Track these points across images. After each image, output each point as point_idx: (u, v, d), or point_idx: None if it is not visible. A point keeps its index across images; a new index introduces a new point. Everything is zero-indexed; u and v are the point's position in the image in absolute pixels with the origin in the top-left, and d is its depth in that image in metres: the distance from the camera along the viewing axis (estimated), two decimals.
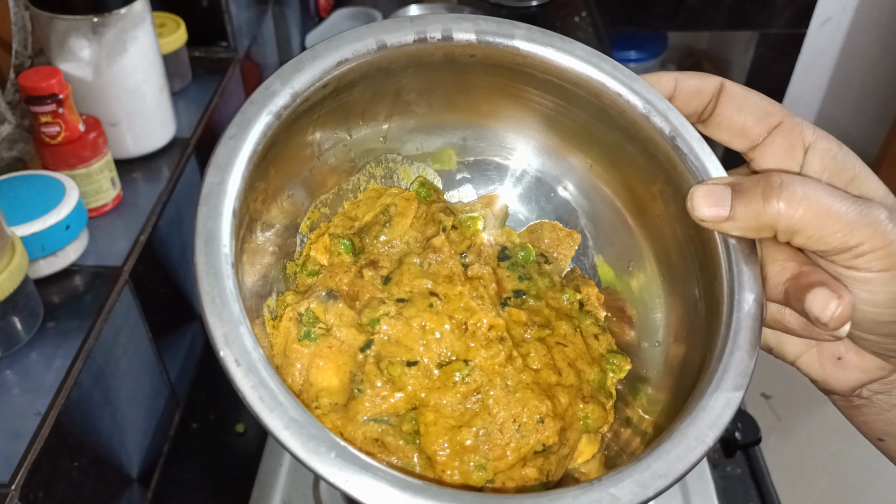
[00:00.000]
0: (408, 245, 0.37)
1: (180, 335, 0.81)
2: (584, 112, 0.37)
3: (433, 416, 0.32)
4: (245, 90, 1.04)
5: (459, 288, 0.35)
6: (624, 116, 0.35)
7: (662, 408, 0.34)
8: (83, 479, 0.58)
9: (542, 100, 0.38)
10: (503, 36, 0.35)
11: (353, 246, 0.37)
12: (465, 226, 0.38)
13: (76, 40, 0.70)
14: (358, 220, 0.38)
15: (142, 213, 0.72)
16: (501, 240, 0.39)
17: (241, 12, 1.01)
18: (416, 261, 0.36)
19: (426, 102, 0.38)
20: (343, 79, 0.33)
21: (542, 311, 0.37)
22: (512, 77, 0.37)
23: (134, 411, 0.69)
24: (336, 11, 1.54)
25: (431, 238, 0.37)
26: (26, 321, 0.58)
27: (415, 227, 0.38)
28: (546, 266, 0.40)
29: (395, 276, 0.36)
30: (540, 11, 1.59)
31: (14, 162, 0.69)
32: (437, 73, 0.36)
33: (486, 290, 0.36)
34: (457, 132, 0.40)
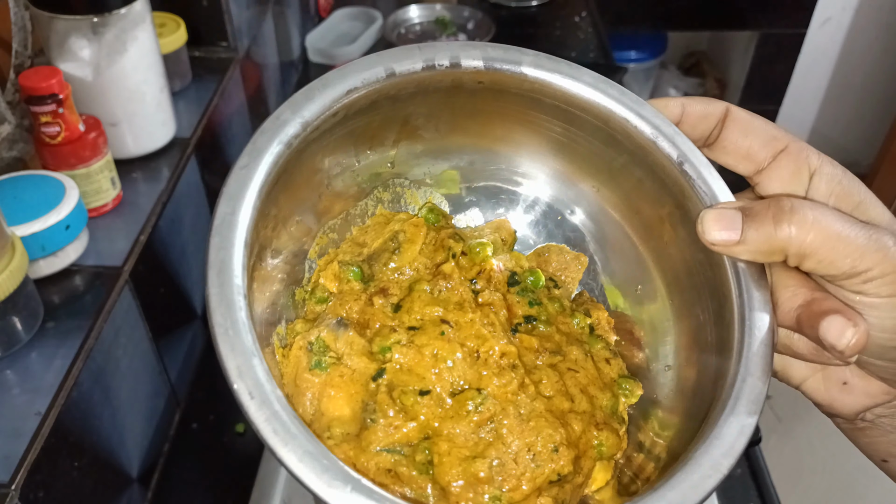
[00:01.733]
0: (417, 272, 0.37)
1: (180, 335, 0.81)
2: (593, 137, 0.37)
3: (447, 445, 0.32)
4: (245, 90, 1.04)
5: (470, 315, 0.35)
6: (632, 141, 0.35)
7: (675, 432, 0.34)
8: (83, 479, 0.58)
9: (550, 125, 0.38)
10: (511, 63, 0.35)
11: (363, 273, 0.37)
12: (474, 252, 0.38)
13: (76, 40, 0.70)
14: (366, 247, 0.39)
15: (142, 213, 0.72)
16: (510, 265, 0.39)
17: (241, 12, 1.01)
18: (427, 288, 0.36)
19: (434, 127, 0.39)
20: (352, 106, 0.34)
21: (553, 337, 0.37)
22: (520, 102, 0.37)
23: (134, 411, 0.69)
24: (336, 11, 1.54)
25: (441, 265, 0.37)
26: (26, 321, 0.58)
27: (424, 254, 0.38)
28: (555, 290, 0.40)
29: (405, 303, 0.36)
30: (540, 11, 1.59)
31: (14, 162, 0.69)
32: (445, 98, 0.37)
33: (497, 317, 0.36)
34: (464, 156, 0.41)
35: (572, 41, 1.48)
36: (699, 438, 0.29)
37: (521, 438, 0.33)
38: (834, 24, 2.16)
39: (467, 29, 1.52)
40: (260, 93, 1.13)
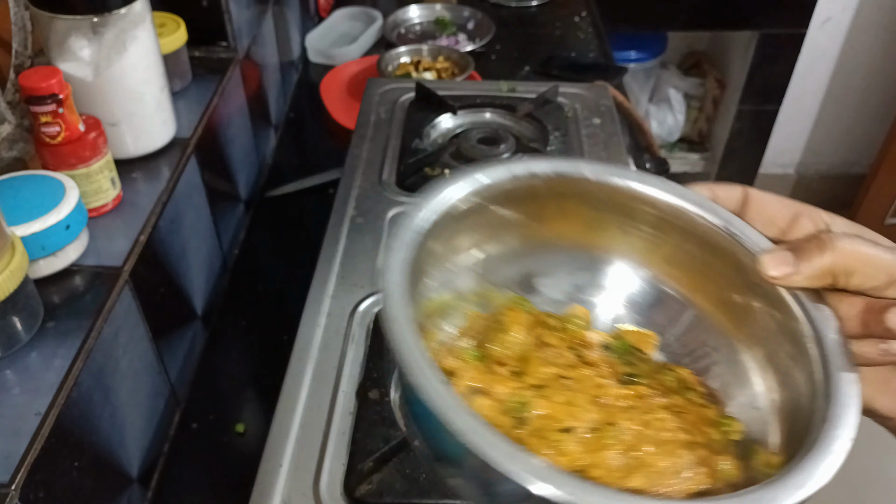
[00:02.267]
0: (524, 346, 0.42)
1: (180, 335, 0.81)
2: (670, 234, 0.43)
3: (600, 472, 0.35)
4: (245, 90, 1.04)
5: (583, 371, 0.40)
6: (694, 227, 0.41)
7: (777, 464, 0.37)
8: (83, 478, 0.58)
9: (631, 227, 0.44)
10: (575, 169, 0.41)
11: (478, 353, 0.41)
12: (569, 326, 0.43)
13: (76, 40, 0.70)
14: (474, 331, 0.43)
15: (142, 213, 0.72)
16: (599, 339, 0.44)
17: (241, 12, 1.01)
18: (538, 355, 0.40)
19: (520, 230, 0.44)
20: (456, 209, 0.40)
21: (655, 387, 0.41)
22: (601, 207, 0.43)
23: (134, 411, 0.69)
24: (336, 11, 1.54)
25: (543, 338, 0.42)
26: (26, 321, 0.58)
27: (524, 332, 0.42)
28: (642, 355, 0.44)
29: (523, 368, 0.40)
30: (540, 11, 1.59)
31: (14, 162, 0.69)
32: (534, 202, 0.43)
33: (606, 371, 0.40)
34: (556, 251, 0.46)
35: (572, 41, 1.48)
36: (801, 462, 0.33)
37: (663, 460, 0.36)
38: (834, 24, 2.16)
39: (467, 29, 1.52)
40: (260, 93, 1.13)
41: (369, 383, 0.64)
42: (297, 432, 0.61)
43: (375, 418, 0.61)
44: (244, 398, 0.82)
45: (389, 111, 1.02)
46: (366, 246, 0.79)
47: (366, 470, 0.56)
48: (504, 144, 0.91)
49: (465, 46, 1.43)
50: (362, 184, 0.88)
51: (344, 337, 0.69)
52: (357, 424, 0.61)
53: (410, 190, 0.87)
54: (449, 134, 0.99)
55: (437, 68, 1.34)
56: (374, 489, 0.56)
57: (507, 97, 1.03)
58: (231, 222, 1.00)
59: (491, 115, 1.02)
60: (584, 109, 1.02)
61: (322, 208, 0.86)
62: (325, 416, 0.62)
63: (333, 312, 0.71)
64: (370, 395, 0.63)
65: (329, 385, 0.64)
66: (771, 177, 2.49)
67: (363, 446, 0.58)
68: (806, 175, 2.52)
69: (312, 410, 0.62)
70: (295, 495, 0.56)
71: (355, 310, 0.72)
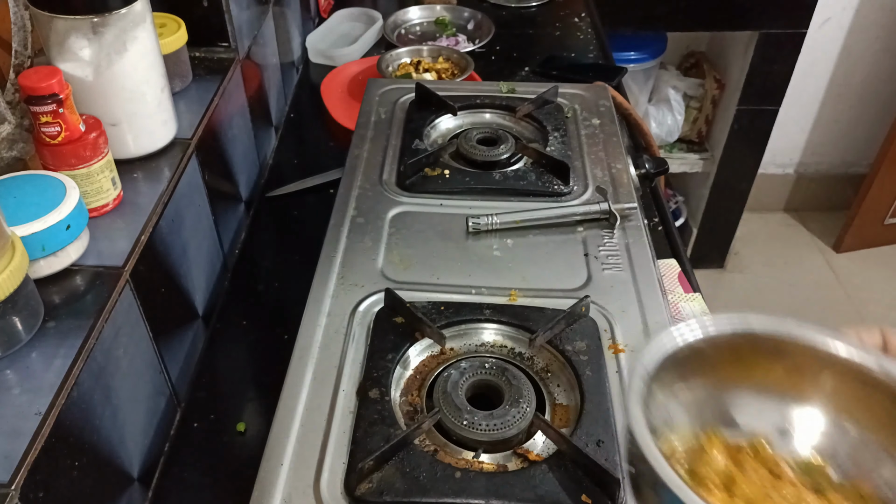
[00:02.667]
0: (727, 467, 0.48)
1: (181, 335, 0.81)
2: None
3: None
4: (245, 91, 1.04)
5: (788, 487, 0.46)
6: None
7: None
8: (83, 478, 0.59)
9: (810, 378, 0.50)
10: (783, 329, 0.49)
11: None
12: (760, 451, 0.48)
13: (76, 40, 0.70)
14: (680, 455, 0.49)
15: (143, 213, 0.72)
16: (788, 460, 0.49)
17: (241, 13, 1.01)
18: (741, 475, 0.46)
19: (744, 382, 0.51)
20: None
21: (849, 497, 0.47)
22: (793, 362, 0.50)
23: (134, 411, 0.69)
24: (336, 12, 1.54)
25: (742, 461, 0.47)
26: (26, 321, 0.58)
27: (724, 454, 0.47)
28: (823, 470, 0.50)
29: (729, 487, 0.45)
30: (539, 11, 1.59)
31: (14, 162, 0.69)
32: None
33: (803, 487, 0.46)
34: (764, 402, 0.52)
35: (572, 41, 1.49)
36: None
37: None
38: (834, 24, 2.16)
39: (467, 30, 1.52)
40: (260, 93, 1.13)
41: (369, 382, 0.64)
42: (298, 431, 0.61)
43: (376, 417, 0.61)
44: (245, 397, 0.82)
45: (389, 111, 1.02)
46: (366, 246, 0.79)
47: (366, 469, 0.56)
48: (504, 145, 0.91)
49: (464, 47, 1.43)
50: (363, 184, 0.88)
51: (344, 336, 0.69)
52: (357, 423, 0.61)
53: (410, 190, 0.87)
54: (449, 134, 1.00)
55: (437, 69, 1.34)
56: (374, 488, 0.56)
57: (506, 98, 1.03)
58: (232, 222, 1.00)
59: (491, 115, 1.02)
60: (583, 110, 1.02)
61: (322, 208, 0.87)
62: (325, 416, 0.62)
63: (334, 312, 0.71)
64: (370, 395, 0.63)
65: (329, 384, 0.65)
66: (770, 177, 2.48)
67: (363, 445, 0.58)
68: (806, 175, 2.52)
69: (313, 410, 0.62)
70: (295, 494, 0.56)
71: (356, 309, 0.72)
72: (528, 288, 0.74)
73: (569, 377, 0.66)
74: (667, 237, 1.00)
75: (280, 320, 0.89)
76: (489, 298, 0.73)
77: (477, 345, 0.69)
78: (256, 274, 0.98)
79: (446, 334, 0.69)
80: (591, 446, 0.59)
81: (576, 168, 0.90)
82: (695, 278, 0.94)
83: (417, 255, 0.79)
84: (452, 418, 0.60)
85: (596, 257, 0.78)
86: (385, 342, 0.68)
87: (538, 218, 0.82)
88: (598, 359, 0.66)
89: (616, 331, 0.70)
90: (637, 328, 0.70)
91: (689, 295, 0.86)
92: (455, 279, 0.76)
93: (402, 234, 0.81)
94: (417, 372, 0.67)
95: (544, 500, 0.56)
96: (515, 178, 0.88)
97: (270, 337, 0.87)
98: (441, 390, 0.63)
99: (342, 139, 1.20)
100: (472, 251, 0.80)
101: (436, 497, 0.56)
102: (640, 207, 0.85)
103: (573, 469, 0.58)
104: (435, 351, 0.69)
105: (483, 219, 0.81)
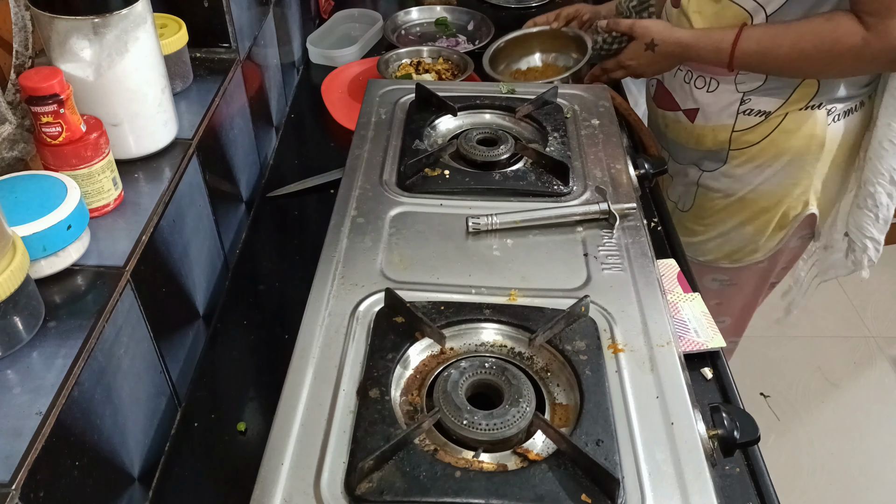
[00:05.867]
0: None
1: (181, 335, 0.82)
2: None
3: None
4: (246, 91, 1.05)
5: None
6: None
7: None
8: (84, 478, 0.59)
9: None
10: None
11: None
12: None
13: (77, 41, 0.70)
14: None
15: (143, 213, 0.72)
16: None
17: (242, 13, 1.01)
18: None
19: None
20: None
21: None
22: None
23: (135, 410, 0.69)
24: (337, 13, 1.54)
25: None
26: (27, 321, 0.58)
27: None
28: None
29: None
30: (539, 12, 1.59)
31: (15, 162, 0.69)
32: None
33: None
34: None
35: None
36: None
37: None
38: None
39: (467, 30, 1.52)
40: (261, 94, 1.13)
41: (370, 382, 0.64)
42: (298, 431, 0.61)
43: (376, 417, 0.61)
44: (245, 397, 0.82)
45: (390, 112, 1.03)
46: (366, 246, 0.79)
47: (366, 468, 0.56)
48: (504, 145, 0.91)
49: (464, 48, 1.44)
50: (363, 184, 0.88)
51: (345, 336, 0.69)
52: (358, 423, 0.61)
53: (411, 190, 0.87)
54: (449, 135, 1.00)
55: (437, 69, 1.34)
56: (374, 487, 0.56)
57: (506, 98, 1.03)
58: (232, 222, 1.00)
59: (490, 116, 1.02)
60: (583, 110, 1.03)
61: (323, 208, 0.87)
62: (325, 415, 0.62)
63: (334, 312, 0.72)
64: (371, 394, 0.63)
65: (330, 384, 0.65)
66: None
67: (364, 445, 0.59)
68: None
69: (313, 409, 0.63)
70: (296, 493, 0.56)
71: (356, 309, 0.72)
72: (527, 288, 0.75)
73: (568, 377, 0.66)
74: (666, 237, 1.01)
75: (280, 320, 0.89)
76: (489, 298, 0.73)
77: (477, 344, 0.70)
78: (257, 274, 0.99)
79: (446, 334, 0.69)
80: (590, 446, 0.59)
81: (575, 168, 0.91)
82: (694, 278, 0.94)
83: (417, 255, 0.79)
84: (452, 418, 0.60)
85: (595, 257, 0.79)
86: (385, 342, 0.68)
87: (538, 218, 0.83)
88: (598, 358, 0.66)
89: (615, 330, 0.70)
90: (636, 328, 0.70)
91: (688, 295, 0.86)
92: (455, 279, 0.76)
93: (402, 234, 0.82)
94: (417, 371, 0.68)
95: (544, 499, 0.56)
96: (515, 179, 0.89)
97: (271, 337, 0.87)
98: (441, 390, 0.63)
99: (342, 139, 1.20)
100: (471, 251, 0.80)
101: (436, 496, 0.56)
102: (639, 207, 0.85)
103: (573, 468, 0.58)
104: (435, 351, 0.69)
105: (483, 219, 0.81)
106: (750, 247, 1.18)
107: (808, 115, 1.06)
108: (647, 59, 1.12)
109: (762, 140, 1.08)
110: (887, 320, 2.20)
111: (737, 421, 0.65)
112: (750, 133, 1.09)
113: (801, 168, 1.09)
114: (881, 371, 2.05)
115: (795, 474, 1.79)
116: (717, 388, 0.80)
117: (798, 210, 1.13)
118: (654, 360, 0.67)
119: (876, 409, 1.94)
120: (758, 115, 1.07)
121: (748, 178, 1.12)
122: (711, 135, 1.13)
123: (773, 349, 2.09)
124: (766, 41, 1.01)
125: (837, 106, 1.06)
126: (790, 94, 1.05)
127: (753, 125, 1.08)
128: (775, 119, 1.07)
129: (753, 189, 1.13)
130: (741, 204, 1.15)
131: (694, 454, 0.60)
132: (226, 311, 0.92)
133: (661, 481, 0.58)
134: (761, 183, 1.12)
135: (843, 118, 1.07)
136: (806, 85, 1.04)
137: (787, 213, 1.13)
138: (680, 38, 1.07)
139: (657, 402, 0.63)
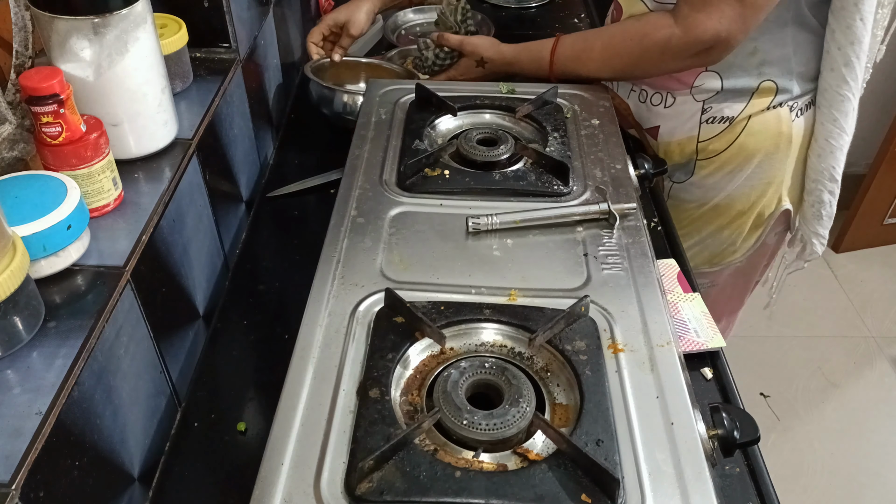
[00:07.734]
0: None
1: (182, 334, 0.82)
2: None
3: None
4: (246, 91, 1.05)
5: None
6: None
7: None
8: (84, 478, 0.59)
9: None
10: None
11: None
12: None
13: (77, 41, 0.70)
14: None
15: (143, 213, 0.72)
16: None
17: (242, 13, 1.01)
18: None
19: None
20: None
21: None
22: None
23: (135, 410, 0.69)
24: None
25: None
26: (27, 321, 0.58)
27: None
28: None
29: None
30: (539, 12, 1.59)
31: (15, 162, 0.69)
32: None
33: None
34: None
35: None
36: None
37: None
38: None
39: None
40: (261, 94, 1.13)
41: (370, 382, 0.64)
42: (298, 431, 0.61)
43: (376, 417, 0.61)
44: (245, 397, 0.82)
45: (390, 112, 1.03)
46: (366, 246, 0.79)
47: (366, 468, 0.56)
48: (504, 145, 0.91)
49: None
50: (363, 184, 0.89)
51: (345, 336, 0.69)
52: (358, 423, 0.61)
53: (411, 190, 0.87)
54: (449, 135, 1.00)
55: None
56: (374, 487, 0.56)
57: (506, 98, 1.03)
58: (232, 222, 1.00)
59: (490, 116, 1.02)
60: (583, 110, 1.03)
61: (323, 208, 0.87)
62: (325, 415, 0.62)
63: (334, 311, 0.72)
64: (371, 394, 0.63)
65: (330, 384, 0.65)
66: None
67: (364, 445, 0.59)
68: None
69: (313, 409, 0.63)
70: (296, 493, 0.56)
71: (356, 309, 0.72)
72: (527, 288, 0.75)
73: (568, 377, 0.66)
74: (666, 237, 1.01)
75: (280, 320, 0.89)
76: (489, 298, 0.73)
77: (477, 344, 0.70)
78: (257, 274, 0.99)
79: (446, 334, 0.69)
80: (590, 446, 0.59)
81: (575, 168, 0.91)
82: (694, 278, 0.94)
83: (417, 255, 0.79)
84: (452, 418, 0.61)
85: (595, 257, 0.79)
86: (385, 342, 0.68)
87: (538, 218, 0.83)
88: (598, 358, 0.66)
89: (615, 330, 0.70)
90: (636, 328, 0.70)
91: (688, 294, 0.86)
92: (455, 279, 0.76)
93: (402, 234, 0.82)
94: (417, 371, 0.68)
95: (544, 499, 0.56)
96: (515, 179, 0.89)
97: (271, 336, 0.87)
98: (441, 390, 0.63)
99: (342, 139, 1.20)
100: (471, 251, 0.80)
101: (436, 496, 0.56)
102: (639, 207, 0.85)
103: (573, 468, 0.58)
104: (435, 350, 0.69)
105: (483, 219, 0.81)
106: (728, 249, 1.18)
107: (773, 115, 1.06)
108: (477, 74, 1.16)
109: (729, 147, 1.08)
110: (887, 320, 2.20)
111: (737, 421, 0.65)
112: (716, 141, 1.09)
113: (772, 166, 1.09)
114: (881, 371, 2.05)
115: (795, 474, 1.79)
116: (717, 388, 0.80)
117: (773, 208, 1.13)
118: (654, 360, 0.67)
119: (876, 409, 1.95)
120: (721, 122, 1.07)
121: (720, 184, 1.12)
122: (678, 149, 1.12)
123: (773, 349, 2.09)
124: (580, 45, 1.06)
125: (798, 101, 1.06)
126: (749, 97, 1.05)
127: (718, 133, 1.08)
128: (739, 124, 1.06)
129: (728, 195, 1.12)
130: (715, 211, 1.14)
131: (694, 454, 0.60)
132: (226, 310, 0.92)
133: (661, 481, 0.58)
134: (736, 188, 1.11)
135: (805, 111, 1.07)
136: (764, 90, 1.04)
137: (763, 212, 1.13)
138: (505, 54, 1.13)
139: (657, 402, 0.63)
